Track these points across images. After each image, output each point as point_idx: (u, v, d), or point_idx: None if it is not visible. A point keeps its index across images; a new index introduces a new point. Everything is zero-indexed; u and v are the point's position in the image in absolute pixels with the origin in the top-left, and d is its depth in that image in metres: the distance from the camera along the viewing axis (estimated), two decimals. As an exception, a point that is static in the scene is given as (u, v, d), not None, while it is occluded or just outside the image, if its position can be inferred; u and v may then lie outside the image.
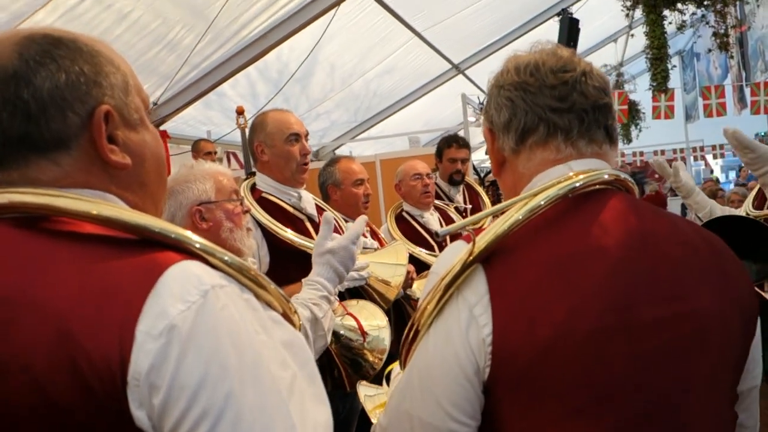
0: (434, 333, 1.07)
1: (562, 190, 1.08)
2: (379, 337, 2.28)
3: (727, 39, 7.40)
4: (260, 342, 0.84)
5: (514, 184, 1.21)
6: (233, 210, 2.08)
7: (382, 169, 7.27)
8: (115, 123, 0.93)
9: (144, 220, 0.85)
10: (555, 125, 1.15)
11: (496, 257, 1.05)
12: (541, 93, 1.15)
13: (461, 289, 1.04)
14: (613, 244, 1.05)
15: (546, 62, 1.18)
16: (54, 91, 0.88)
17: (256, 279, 0.90)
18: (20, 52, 0.88)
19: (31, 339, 0.77)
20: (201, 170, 2.10)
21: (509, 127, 1.19)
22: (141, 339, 0.77)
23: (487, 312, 1.02)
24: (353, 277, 2.47)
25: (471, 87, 11.49)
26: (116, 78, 0.94)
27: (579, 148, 1.16)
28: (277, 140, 2.62)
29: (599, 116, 1.17)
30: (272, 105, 7.99)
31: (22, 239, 0.85)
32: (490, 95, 1.24)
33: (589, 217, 1.08)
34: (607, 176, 1.13)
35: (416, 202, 3.63)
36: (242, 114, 6.24)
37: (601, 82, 1.19)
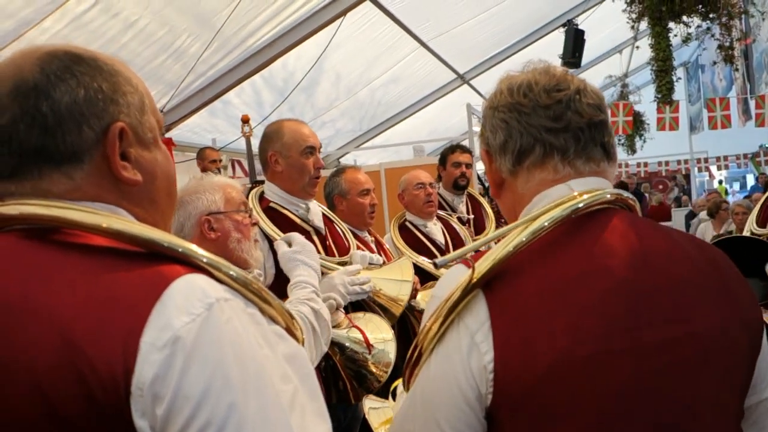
0: (436, 357, 1.06)
1: (565, 211, 1.07)
2: (384, 351, 2.28)
3: (732, 52, 7.41)
4: (263, 356, 0.85)
5: (514, 204, 1.21)
6: (241, 221, 2.10)
7: (387, 179, 7.28)
8: (129, 140, 0.94)
9: (153, 234, 0.87)
10: (551, 145, 1.14)
11: (496, 282, 1.04)
12: (535, 113, 1.15)
13: (462, 315, 1.04)
14: (615, 265, 1.04)
15: (539, 81, 1.17)
16: (72, 106, 0.90)
17: (260, 293, 0.91)
18: (42, 67, 0.90)
19: (35, 345, 0.78)
20: (210, 182, 2.13)
21: (505, 149, 1.18)
22: (145, 350, 0.78)
23: (488, 339, 1.01)
24: (356, 291, 2.47)
25: (476, 97, 11.51)
26: (133, 97, 0.97)
27: (577, 167, 1.15)
28: (293, 151, 2.62)
29: (595, 134, 1.16)
30: (277, 113, 8.02)
31: (31, 250, 0.86)
32: (485, 117, 1.23)
33: (590, 239, 1.07)
34: (609, 196, 1.12)
35: (419, 211, 3.63)
36: (247, 122, 6.26)
37: (596, 99, 1.18)
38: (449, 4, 8.41)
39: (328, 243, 2.70)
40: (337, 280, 2.46)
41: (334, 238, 2.77)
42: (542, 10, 10.23)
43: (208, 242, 2.05)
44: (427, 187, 3.61)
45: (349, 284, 2.46)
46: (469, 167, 4.41)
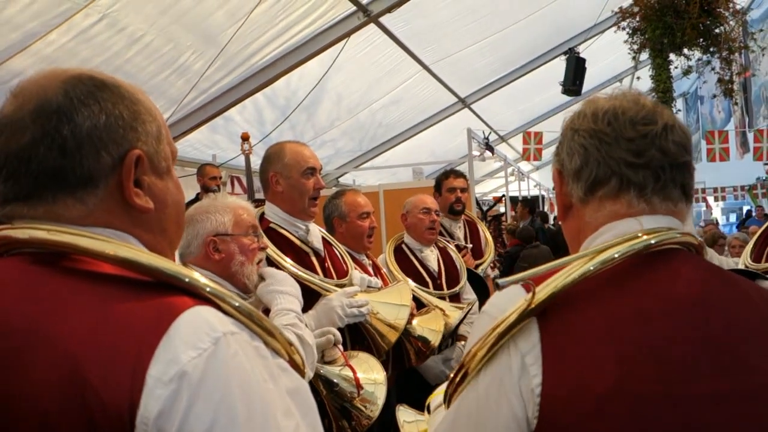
0: (485, 377, 1.04)
1: (637, 245, 1.03)
2: (374, 393, 2.27)
3: (731, 86, 7.47)
4: (267, 391, 0.85)
5: (579, 231, 1.17)
6: (248, 245, 2.11)
7: (386, 200, 7.28)
8: (144, 168, 0.95)
9: (159, 263, 0.87)
10: (628, 180, 1.10)
11: (552, 309, 1.01)
12: (617, 144, 1.10)
13: (515, 338, 1.01)
14: (676, 309, 1.01)
15: (626, 111, 1.12)
16: (93, 131, 0.90)
17: (264, 325, 0.91)
18: (66, 90, 0.91)
19: (42, 374, 0.77)
20: (223, 203, 2.14)
21: (580, 176, 1.14)
22: (151, 384, 0.77)
23: (537, 362, 0.99)
24: (353, 314, 2.47)
25: (476, 121, 11.57)
26: (152, 126, 0.97)
27: (653, 205, 1.10)
28: (293, 172, 2.62)
29: (677, 174, 1.11)
30: (279, 131, 8.05)
31: (39, 274, 0.86)
32: (563, 136, 1.18)
33: (656, 279, 1.04)
34: (679, 236, 1.08)
35: (419, 236, 3.61)
36: (247, 140, 6.30)
37: (683, 138, 1.12)
38: (453, 29, 8.48)
39: (326, 265, 2.69)
40: (335, 302, 2.45)
41: (332, 260, 2.76)
42: (544, 38, 10.33)
43: (212, 263, 2.07)
44: (432, 214, 3.60)
45: (347, 306, 2.46)
46: (464, 191, 4.40)
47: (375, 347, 2.68)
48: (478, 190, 13.60)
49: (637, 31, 7.28)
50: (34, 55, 5.08)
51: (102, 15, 5.06)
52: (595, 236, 1.13)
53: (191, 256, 2.07)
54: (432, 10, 7.79)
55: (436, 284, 3.57)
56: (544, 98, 13.04)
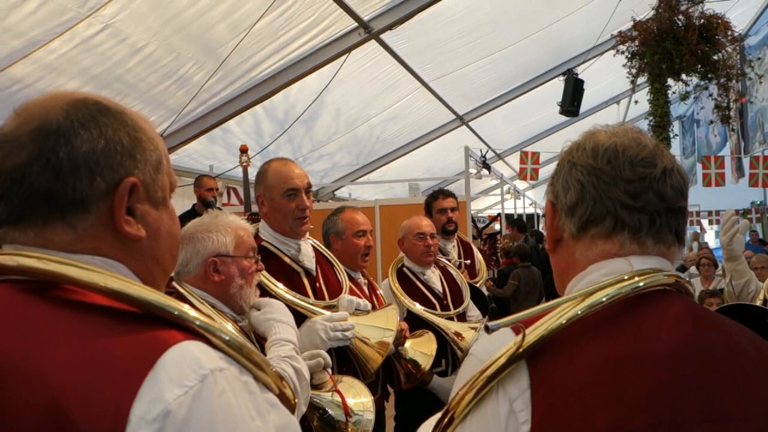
0: (471, 423, 1.02)
1: (624, 289, 1.02)
2: (363, 418, 2.24)
3: (729, 112, 7.53)
4: (255, 429, 0.83)
5: (567, 267, 1.16)
6: (248, 268, 2.08)
7: (381, 215, 7.29)
8: (138, 196, 0.93)
9: (148, 296, 0.85)
10: (623, 222, 1.09)
11: (542, 353, 1.00)
12: (614, 184, 1.09)
13: (503, 382, 0.99)
14: (666, 354, 1.00)
15: (626, 150, 1.11)
16: (89, 155, 0.89)
17: (253, 360, 0.89)
18: (68, 112, 0.90)
19: (21, 407, 0.75)
20: (224, 222, 2.10)
21: (574, 212, 1.12)
22: (135, 423, 0.75)
23: (527, 408, 0.97)
24: (337, 337, 2.43)
25: (473, 138, 11.61)
26: (152, 155, 0.96)
27: (645, 247, 1.10)
28: (275, 194, 2.59)
29: (671, 220, 1.10)
30: (277, 144, 8.06)
31: (25, 304, 0.84)
32: (560, 168, 1.16)
33: (644, 322, 1.03)
34: (665, 278, 1.07)
35: (417, 260, 3.61)
36: (245, 152, 6.31)
37: (681, 183, 1.12)
38: (453, 47, 8.53)
39: (318, 285, 2.67)
40: (318, 325, 2.42)
41: (326, 278, 2.74)
42: (543, 58, 10.39)
43: (210, 283, 2.03)
44: (427, 239, 3.58)
45: (331, 330, 2.41)
46: (455, 210, 4.42)
47: (360, 371, 2.65)
48: (473, 207, 13.61)
49: (636, 56, 7.35)
50: (35, 63, 5.09)
51: (104, 25, 5.07)
52: (584, 274, 1.11)
53: (188, 275, 2.03)
54: (433, 28, 7.84)
55: (442, 305, 3.57)
56: (542, 117, 13.11)
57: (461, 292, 3.75)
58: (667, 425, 0.96)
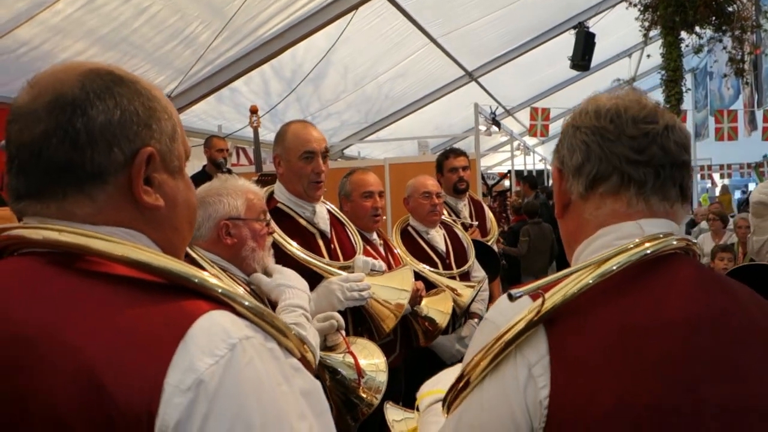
0: (489, 387, 1.04)
1: (633, 257, 1.04)
2: (375, 379, 2.27)
3: (743, 65, 7.40)
4: (282, 394, 0.85)
5: (576, 229, 1.17)
6: (259, 230, 2.10)
7: (391, 174, 7.27)
8: (155, 166, 0.94)
9: (170, 265, 0.87)
10: (629, 177, 1.11)
11: (559, 319, 1.01)
12: (619, 141, 1.11)
13: (521, 347, 1.01)
14: (681, 318, 1.02)
15: (628, 109, 1.13)
16: (106, 126, 0.89)
17: (276, 325, 0.91)
18: (83, 83, 0.90)
19: (58, 382, 0.77)
20: (234, 186, 2.12)
21: (581, 172, 1.14)
22: (169, 392, 0.78)
23: (546, 373, 0.99)
24: (354, 297, 2.47)
25: (483, 95, 11.50)
26: (167, 125, 0.96)
27: (651, 205, 1.12)
28: (291, 156, 2.61)
29: (676, 173, 1.13)
30: (285, 103, 8.02)
31: (53, 277, 0.85)
32: (564, 134, 1.19)
33: (658, 287, 1.05)
34: (676, 242, 1.09)
35: (422, 219, 3.61)
36: (255, 113, 6.27)
37: (683, 139, 1.14)
38: (461, 2, 8.39)
39: (332, 246, 2.70)
40: (335, 285, 2.46)
41: (340, 240, 2.77)
42: (554, 12, 10.19)
43: (222, 247, 2.05)
44: (433, 198, 3.58)
45: (348, 290, 2.46)
46: (466, 170, 4.40)
47: (376, 330, 2.70)
48: (483, 164, 13.56)
49: (649, 8, 7.19)
50: (40, 25, 5.05)
51: (109, -15, 5.02)
52: (594, 238, 1.13)
53: (200, 239, 2.05)
54: (441, -17, 7.71)
55: (445, 264, 3.59)
56: (552, 72, 12.93)
57: (465, 252, 3.76)
58: (682, 389, 0.99)
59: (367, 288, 2.53)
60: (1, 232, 0.90)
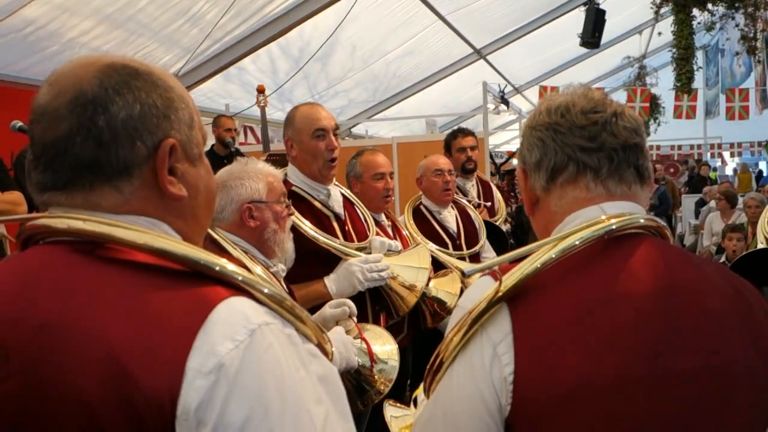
0: (458, 367, 1.08)
1: (597, 231, 1.08)
2: (388, 365, 2.29)
3: (755, 43, 7.30)
4: (300, 380, 0.87)
5: (546, 224, 1.22)
6: (281, 212, 2.13)
7: (399, 153, 7.25)
8: (177, 156, 0.96)
9: (191, 253, 0.88)
10: (584, 164, 1.16)
11: (522, 297, 1.05)
12: (571, 133, 1.17)
13: (485, 326, 1.06)
14: (642, 292, 1.05)
15: (576, 104, 1.19)
16: (127, 121, 0.91)
17: (294, 312, 0.93)
18: (101, 80, 0.92)
19: (83, 367, 0.79)
20: (254, 169, 2.14)
21: (540, 166, 1.20)
22: (191, 375, 0.80)
23: (510, 351, 1.03)
24: (374, 278, 2.50)
25: (492, 73, 11.41)
26: (184, 114, 0.98)
27: (608, 188, 1.16)
28: (303, 136, 2.61)
29: (629, 156, 1.17)
30: (292, 82, 7.98)
31: (77, 264, 0.88)
32: (523, 136, 1.27)
33: (620, 263, 1.08)
34: (642, 221, 1.13)
35: (436, 198, 3.61)
36: (263, 92, 6.25)
37: (633, 123, 1.20)
38: (470, -22, 8.30)
39: (347, 228, 2.71)
40: (355, 266, 2.50)
41: (353, 222, 2.78)
42: (564, -12, 10.08)
43: (245, 230, 2.08)
44: (445, 175, 3.57)
45: (368, 271, 2.50)
46: (475, 149, 4.39)
47: (394, 309, 2.72)
48: (491, 142, 13.49)
49: (661, -16, 7.09)
50: (47, 3, 5.02)
51: (115, -37, 4.98)
52: (562, 226, 1.18)
53: (223, 222, 2.07)
54: (450, -41, 7.61)
55: (455, 245, 3.59)
56: (562, 50, 12.81)
57: (477, 233, 3.76)
58: (643, 360, 1.02)
59: (387, 268, 2.56)
60: (28, 221, 0.93)
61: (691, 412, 1.02)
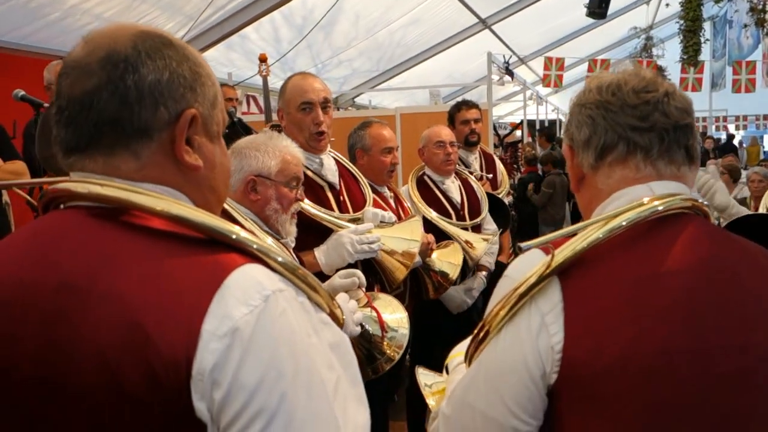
0: (504, 336, 1.11)
1: (643, 212, 1.10)
2: (398, 333, 2.30)
3: (764, 15, 7.20)
4: (312, 346, 0.90)
5: (592, 199, 1.24)
6: (286, 194, 2.11)
7: (402, 123, 7.22)
8: (197, 128, 0.98)
9: (208, 221, 0.91)
10: (635, 144, 1.17)
11: (572, 270, 1.08)
12: (622, 112, 1.17)
13: (535, 297, 1.09)
14: (687, 269, 1.08)
15: (628, 82, 1.19)
16: (155, 85, 0.93)
17: (307, 281, 0.95)
18: (135, 42, 0.94)
19: (103, 327, 0.82)
20: (275, 145, 2.11)
21: (589, 144, 1.21)
22: (206, 338, 0.82)
23: (558, 321, 1.06)
24: (363, 250, 2.49)
25: (497, 43, 11.30)
26: (210, 91, 1.00)
27: (658, 169, 1.17)
28: (291, 107, 2.61)
29: (680, 136, 1.18)
30: (295, 51, 7.92)
31: (98, 228, 0.90)
32: (571, 114, 1.26)
33: (666, 242, 1.11)
34: (680, 201, 1.15)
35: (437, 168, 3.61)
36: (265, 62, 6.20)
37: (684, 103, 1.20)
38: (476, -54, 8.16)
39: (342, 198, 2.70)
40: (345, 238, 2.47)
41: (350, 192, 2.77)
42: (571, -43, 9.93)
43: (248, 201, 2.08)
44: (447, 146, 3.57)
45: (357, 243, 2.48)
46: (478, 122, 4.37)
47: (387, 281, 2.73)
48: (494, 113, 13.42)
49: (670, -46, 6.98)
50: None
51: (116, -72, 4.90)
52: (607, 202, 1.20)
53: (230, 189, 2.07)
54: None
55: (458, 215, 3.60)
56: (568, 20, 12.67)
57: (479, 204, 3.77)
58: (686, 335, 1.05)
59: (377, 240, 2.55)
60: (50, 185, 0.96)
61: (728, 387, 1.05)
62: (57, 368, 0.83)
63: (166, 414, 0.82)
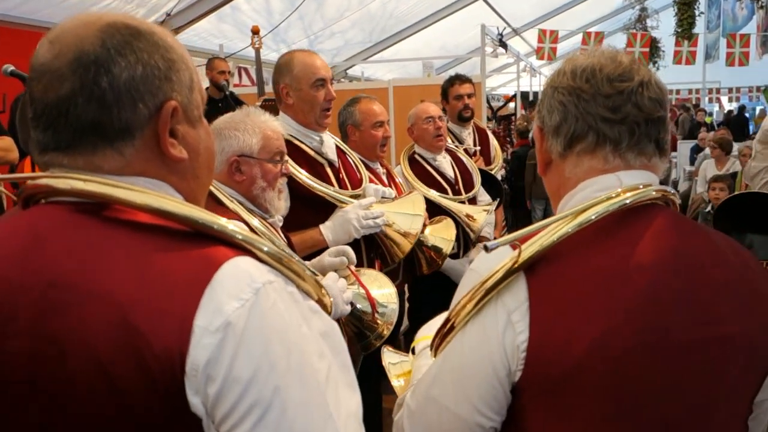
0: (470, 332, 1.10)
1: (612, 206, 1.09)
2: (388, 309, 2.30)
3: (759, -13, 7.16)
4: (303, 336, 0.90)
5: (559, 186, 1.22)
6: (271, 171, 2.07)
7: (395, 96, 7.18)
8: (179, 118, 0.96)
9: (190, 212, 0.90)
10: (605, 135, 1.14)
11: (539, 266, 1.07)
12: (594, 101, 1.14)
13: (501, 293, 1.07)
14: (655, 264, 1.07)
15: (603, 68, 1.15)
16: (130, 82, 0.91)
17: (292, 268, 0.94)
18: (103, 39, 0.91)
19: (94, 325, 0.82)
20: (254, 122, 2.06)
21: (559, 132, 1.18)
22: (199, 333, 0.82)
23: (524, 319, 1.05)
24: (369, 225, 2.52)
25: (489, 13, 11.20)
26: (185, 75, 0.98)
27: (627, 160, 1.15)
28: (303, 84, 2.59)
29: (651, 130, 1.15)
30: (287, 23, 7.84)
31: (81, 224, 0.89)
32: (544, 94, 1.23)
33: (634, 235, 1.10)
34: (654, 193, 1.13)
35: (428, 145, 3.60)
36: (257, 33, 6.14)
37: (658, 94, 1.16)
38: None
39: (341, 176, 2.72)
40: (351, 214, 2.50)
41: (346, 170, 2.78)
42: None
43: (234, 182, 2.04)
44: (436, 121, 3.55)
45: (363, 218, 2.51)
46: (471, 96, 4.34)
47: (389, 256, 2.75)
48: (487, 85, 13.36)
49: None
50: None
51: None
52: (575, 192, 1.18)
53: (215, 172, 2.05)
54: None
55: (454, 190, 3.60)
56: (562, -10, 12.57)
57: (472, 177, 3.77)
58: (653, 331, 1.04)
59: (382, 215, 2.57)
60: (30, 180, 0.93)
61: (692, 379, 1.05)
62: (49, 366, 0.83)
63: (161, 410, 0.82)
